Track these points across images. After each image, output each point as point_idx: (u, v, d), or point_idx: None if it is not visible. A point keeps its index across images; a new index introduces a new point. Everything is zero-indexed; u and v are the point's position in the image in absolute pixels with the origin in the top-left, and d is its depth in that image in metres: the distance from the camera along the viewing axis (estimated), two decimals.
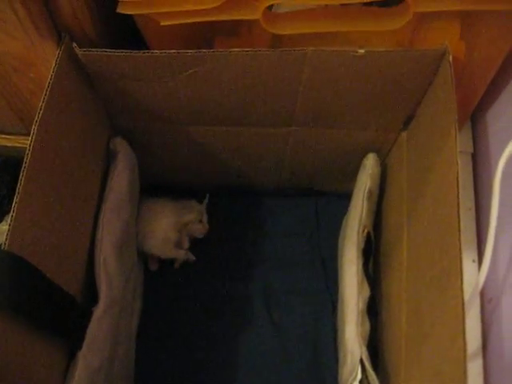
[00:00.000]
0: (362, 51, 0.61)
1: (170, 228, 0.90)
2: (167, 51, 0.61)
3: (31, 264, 0.56)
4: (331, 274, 0.90)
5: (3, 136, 0.86)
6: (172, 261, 0.93)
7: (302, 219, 0.98)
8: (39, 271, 0.57)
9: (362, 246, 0.77)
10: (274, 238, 0.97)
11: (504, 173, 0.66)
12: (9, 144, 0.86)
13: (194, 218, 0.92)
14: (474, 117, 0.92)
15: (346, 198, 0.88)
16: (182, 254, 0.91)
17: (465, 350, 0.49)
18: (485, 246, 0.67)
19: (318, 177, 0.94)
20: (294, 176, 0.93)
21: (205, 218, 0.93)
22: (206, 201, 0.94)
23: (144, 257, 0.91)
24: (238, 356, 0.87)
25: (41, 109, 0.58)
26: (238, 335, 0.88)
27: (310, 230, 0.97)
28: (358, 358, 0.69)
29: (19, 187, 0.54)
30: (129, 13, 0.61)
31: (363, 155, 0.83)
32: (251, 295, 0.92)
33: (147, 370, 0.85)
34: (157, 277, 0.92)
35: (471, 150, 0.90)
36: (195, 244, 0.94)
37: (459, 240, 0.53)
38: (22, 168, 0.55)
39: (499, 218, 0.66)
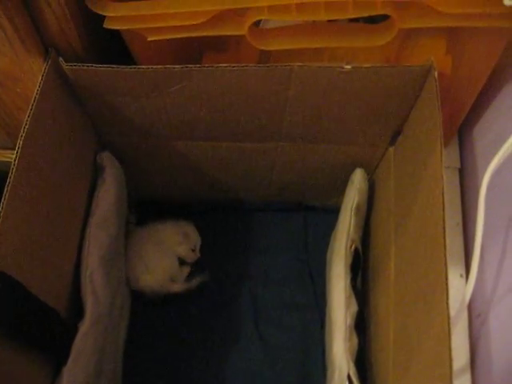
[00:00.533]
0: (348, 67, 0.62)
1: (164, 263, 0.90)
2: (154, 67, 0.62)
3: (15, 279, 0.55)
4: (320, 289, 0.90)
5: None
6: None
7: (291, 234, 0.98)
8: (23, 286, 0.57)
9: (349, 261, 0.77)
10: (262, 252, 0.97)
11: (489, 187, 0.66)
12: None
13: (187, 248, 0.92)
14: (461, 132, 0.92)
15: (334, 212, 0.88)
16: (177, 288, 0.90)
17: (451, 366, 0.49)
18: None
19: (307, 192, 0.94)
20: (282, 191, 0.93)
21: (198, 246, 0.94)
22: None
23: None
24: (226, 372, 0.86)
25: (26, 123, 0.58)
26: (227, 351, 0.88)
27: (299, 245, 0.97)
28: (346, 374, 0.68)
29: (3, 201, 0.54)
30: (116, 28, 0.61)
31: (351, 170, 0.83)
32: (239, 310, 0.91)
33: None
34: None
35: (458, 165, 0.91)
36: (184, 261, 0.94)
37: (445, 255, 0.53)
38: (7, 182, 0.55)
39: (486, 232, 0.66)
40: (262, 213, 1.00)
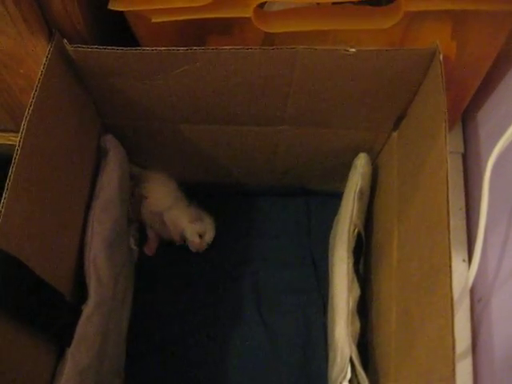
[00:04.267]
0: (353, 50, 0.61)
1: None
2: (158, 48, 0.61)
3: (20, 260, 0.55)
4: (322, 274, 0.90)
5: None
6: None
7: (294, 219, 0.98)
8: (28, 268, 0.57)
9: (352, 245, 0.77)
10: (265, 237, 0.97)
11: (493, 173, 0.66)
12: None
13: (194, 228, 0.92)
14: (465, 117, 0.92)
15: (337, 197, 0.88)
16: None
17: (453, 348, 0.49)
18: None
19: (310, 176, 0.94)
20: (285, 175, 0.93)
21: (208, 237, 0.93)
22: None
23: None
24: (228, 355, 0.86)
25: (31, 105, 0.57)
26: (228, 335, 0.88)
27: (301, 230, 0.97)
28: (348, 357, 0.69)
29: (8, 183, 0.54)
30: (120, 9, 0.61)
31: (354, 155, 0.83)
32: (242, 294, 0.91)
33: (137, 368, 0.84)
34: (147, 275, 0.92)
35: (462, 150, 0.91)
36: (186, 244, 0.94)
37: (449, 238, 0.53)
38: (12, 164, 0.54)
39: (489, 217, 0.66)
40: (264, 197, 1.00)
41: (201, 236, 0.92)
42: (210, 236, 0.93)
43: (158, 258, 0.94)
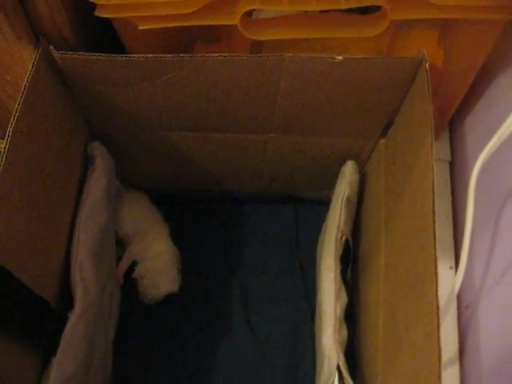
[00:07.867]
0: (339, 58, 0.62)
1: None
2: (145, 55, 0.61)
3: (4, 267, 0.55)
4: (310, 282, 0.90)
5: None
6: None
7: (282, 226, 0.98)
8: (12, 275, 0.56)
9: (339, 252, 0.77)
10: (253, 244, 0.97)
11: (479, 180, 0.67)
12: None
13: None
14: (452, 125, 0.92)
15: (325, 204, 0.88)
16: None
17: (439, 357, 0.49)
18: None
19: (298, 184, 0.94)
20: (273, 183, 0.93)
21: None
22: None
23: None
24: (215, 364, 0.86)
25: (16, 111, 0.57)
26: (217, 343, 0.88)
27: (290, 237, 0.97)
28: (335, 365, 0.69)
29: None
30: (107, 16, 0.60)
31: (342, 162, 0.83)
32: (230, 302, 0.91)
33: (123, 378, 0.84)
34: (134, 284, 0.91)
35: (449, 157, 0.91)
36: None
37: (434, 246, 0.53)
38: None
39: (475, 225, 0.66)
40: (252, 204, 1.00)
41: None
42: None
43: None
